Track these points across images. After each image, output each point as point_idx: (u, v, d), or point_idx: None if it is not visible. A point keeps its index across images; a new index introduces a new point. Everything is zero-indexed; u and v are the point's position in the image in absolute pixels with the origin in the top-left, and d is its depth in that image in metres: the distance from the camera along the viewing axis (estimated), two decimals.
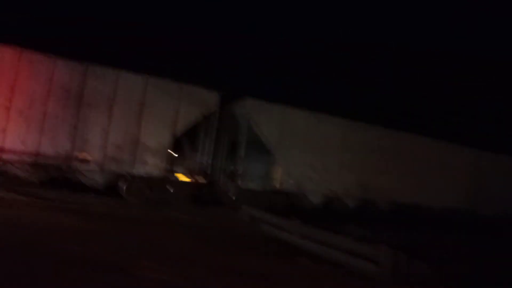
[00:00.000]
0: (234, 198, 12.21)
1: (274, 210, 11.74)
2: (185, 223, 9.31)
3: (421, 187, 14.54)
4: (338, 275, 6.24)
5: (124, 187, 10.96)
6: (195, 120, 11.56)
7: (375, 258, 6.16)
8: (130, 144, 10.84)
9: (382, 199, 14.03)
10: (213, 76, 12.66)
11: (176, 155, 11.53)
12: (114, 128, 10.66)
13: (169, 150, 11.21)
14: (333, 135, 13.19)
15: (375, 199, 13.95)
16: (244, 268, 5.92)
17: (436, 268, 6.40)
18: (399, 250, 6.12)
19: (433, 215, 14.93)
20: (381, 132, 14.23)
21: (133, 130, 10.87)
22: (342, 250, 6.72)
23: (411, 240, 9.44)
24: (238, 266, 6.01)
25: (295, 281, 5.75)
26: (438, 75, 25.23)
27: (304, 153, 12.65)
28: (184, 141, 11.75)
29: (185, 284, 4.85)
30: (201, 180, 11.73)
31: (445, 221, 14.53)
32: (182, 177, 11.68)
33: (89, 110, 10.47)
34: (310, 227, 8.04)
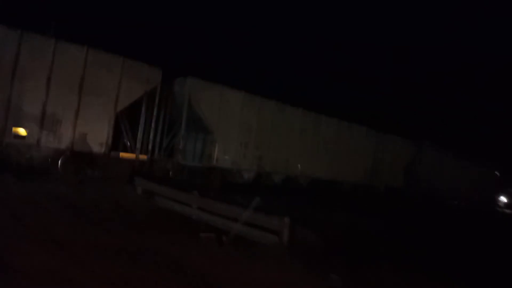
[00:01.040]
0: (172, 174, 12.47)
1: (209, 185, 12.44)
2: (72, 201, 8.04)
3: (336, 165, 16.49)
4: (237, 247, 6.11)
5: (60, 164, 10.50)
6: (137, 96, 11.45)
7: (274, 228, 6.32)
8: (69, 118, 10.37)
9: (302, 175, 15.55)
10: (156, 53, 12.48)
11: (118, 131, 11.35)
12: (52, 101, 10.07)
13: (110, 126, 10.98)
14: (264, 116, 14.11)
15: (297, 175, 15.40)
16: (140, 248, 5.39)
17: (328, 239, 6.74)
18: (296, 221, 6.30)
19: (343, 189, 17.07)
20: (304, 115, 15.59)
21: (72, 104, 10.40)
22: (241, 222, 6.66)
23: (313, 213, 10.05)
24: (135, 246, 5.45)
25: (194, 257, 5.40)
26: (347, 62, 26.89)
27: (239, 133, 13.38)
28: (126, 117, 11.58)
29: (80, 272, 4.18)
30: (142, 156, 11.76)
31: (351, 195, 16.75)
32: (123, 154, 11.57)
33: (25, 81, 9.72)
34: (209, 199, 7.85)
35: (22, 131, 9.75)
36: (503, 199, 31.83)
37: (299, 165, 15.13)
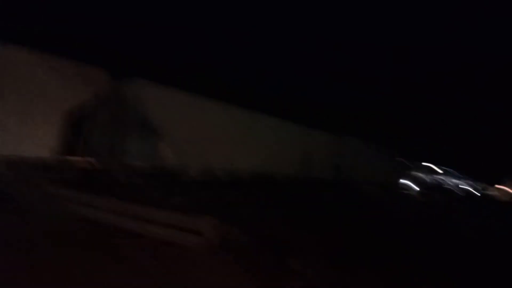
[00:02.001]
0: (120, 177, 12.53)
1: (153, 185, 12.69)
2: None
3: (270, 159, 17.68)
4: (159, 251, 5.66)
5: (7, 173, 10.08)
6: (86, 100, 11.31)
7: (199, 229, 5.94)
8: (18, 124, 9.99)
9: (243, 170, 16.44)
10: (104, 56, 12.27)
11: (67, 136, 11.13)
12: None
13: (60, 131, 10.76)
14: (208, 116, 14.70)
15: (239, 170, 16.23)
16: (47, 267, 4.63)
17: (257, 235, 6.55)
18: (223, 219, 6.12)
19: (276, 182, 18.29)
20: (241, 113, 16.47)
21: (21, 109, 10.02)
22: (163, 225, 6.23)
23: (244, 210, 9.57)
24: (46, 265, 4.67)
25: (111, 266, 4.92)
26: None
27: (185, 132, 13.79)
28: (75, 121, 11.37)
29: None
30: (91, 160, 11.67)
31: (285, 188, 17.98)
32: (72, 158, 11.38)
33: None
34: (126, 203, 7.12)
35: None
36: (404, 181, 36.48)
37: (238, 160, 15.97)
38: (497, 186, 39.97)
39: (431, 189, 31.82)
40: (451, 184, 40.30)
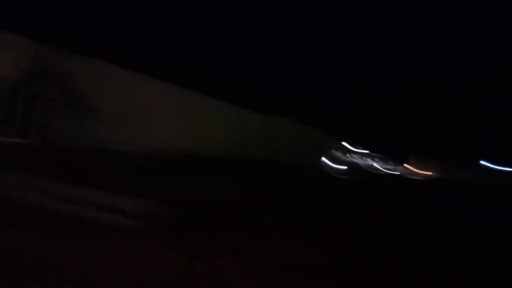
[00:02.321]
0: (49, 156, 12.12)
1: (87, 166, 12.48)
2: None
3: (204, 138, 17.93)
4: (84, 232, 5.37)
5: None
6: (10, 71, 10.73)
7: (127, 209, 5.83)
8: None
9: (177, 149, 16.50)
10: (31, 27, 11.50)
11: None
12: None
13: None
14: (142, 93, 14.56)
15: (172, 149, 16.26)
16: None
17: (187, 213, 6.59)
18: (154, 199, 6.13)
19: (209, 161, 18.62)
20: (178, 92, 16.48)
21: None
22: (89, 205, 6.02)
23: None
24: None
25: (41, 251, 4.59)
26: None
27: (118, 110, 13.57)
28: None
29: None
30: (17, 137, 11.16)
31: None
32: None
33: None
34: (51, 182, 6.81)
35: None
36: (324, 159, 39.08)
37: (172, 139, 16.05)
38: (405, 164, 45.18)
39: (348, 167, 34.55)
40: (365, 162, 44.07)
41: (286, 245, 6.06)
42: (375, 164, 41.28)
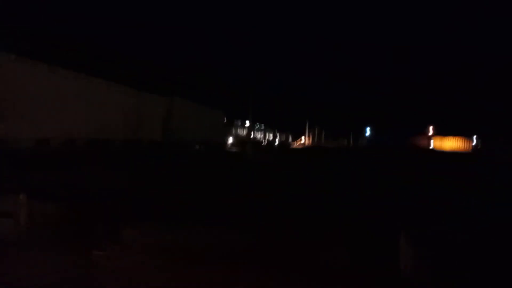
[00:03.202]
0: None
1: None
2: None
3: (104, 124, 18.04)
4: None
5: None
6: None
7: (7, 209, 5.13)
8: None
9: (78, 138, 16.44)
10: None
11: None
12: None
13: None
14: (39, 82, 14.25)
15: (73, 138, 16.18)
16: None
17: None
18: (37, 195, 5.43)
19: (110, 147, 18.76)
20: (74, 78, 16.32)
21: None
22: None
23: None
24: None
25: None
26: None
27: (14, 99, 13.02)
28: None
29: None
30: None
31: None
32: None
33: None
34: None
35: None
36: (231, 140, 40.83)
37: (72, 127, 15.94)
38: (299, 140, 50.14)
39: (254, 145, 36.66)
40: (267, 139, 46.78)
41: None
42: (275, 140, 43.98)
